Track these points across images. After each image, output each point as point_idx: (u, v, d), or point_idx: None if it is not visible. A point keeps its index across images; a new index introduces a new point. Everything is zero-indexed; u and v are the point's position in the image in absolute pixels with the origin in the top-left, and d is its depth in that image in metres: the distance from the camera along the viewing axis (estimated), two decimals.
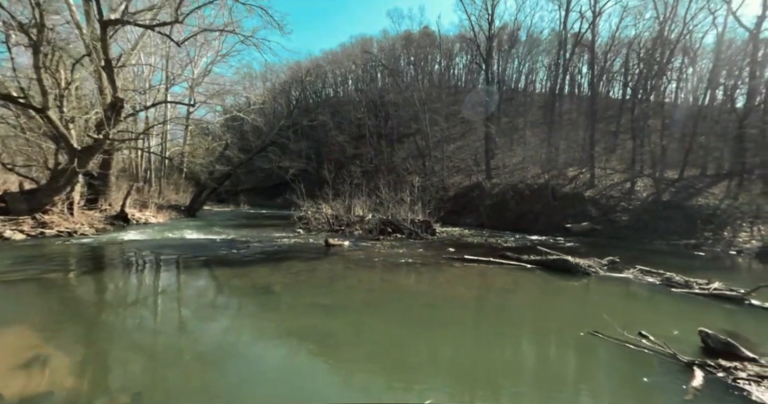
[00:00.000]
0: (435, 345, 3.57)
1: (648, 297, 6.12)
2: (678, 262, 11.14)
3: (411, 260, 8.05)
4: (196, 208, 18.33)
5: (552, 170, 23.40)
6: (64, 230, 8.75)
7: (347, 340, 3.61)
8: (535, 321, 4.46)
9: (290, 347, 3.44)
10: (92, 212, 11.83)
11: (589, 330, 3.95)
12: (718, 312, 5.29)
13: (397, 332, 3.83)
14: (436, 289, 5.72)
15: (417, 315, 4.49)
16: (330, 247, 9.39)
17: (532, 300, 5.49)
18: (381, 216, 14.77)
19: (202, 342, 3.55)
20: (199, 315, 4.36)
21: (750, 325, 4.81)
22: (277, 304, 4.89)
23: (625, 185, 19.99)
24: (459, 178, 30.14)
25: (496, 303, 5.08)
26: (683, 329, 4.32)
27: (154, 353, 3.31)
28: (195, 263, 7.18)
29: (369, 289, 5.70)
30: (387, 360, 3.18)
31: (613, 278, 7.34)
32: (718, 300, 5.79)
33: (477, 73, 45.39)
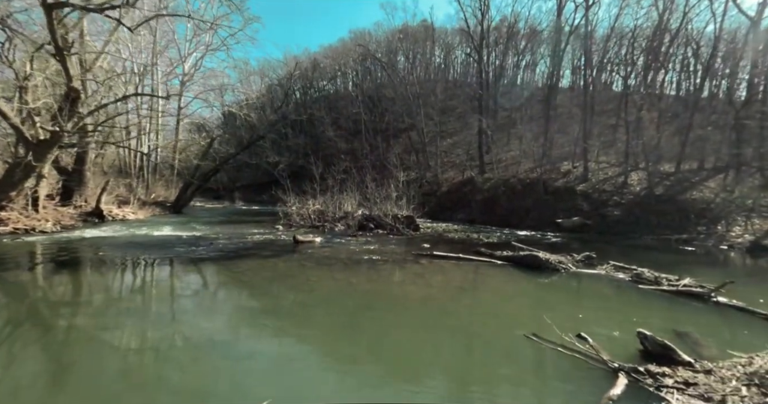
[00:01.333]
0: (350, 350, 3.32)
1: (611, 295, 5.83)
2: (662, 257, 10.83)
3: (377, 257, 7.79)
4: (182, 204, 18.18)
5: (546, 164, 22.98)
6: (21, 227, 8.57)
7: (243, 350, 3.34)
8: (475, 322, 4.18)
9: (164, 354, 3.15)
10: (66, 208, 11.70)
11: (526, 332, 3.68)
12: (681, 310, 4.99)
13: (313, 338, 3.56)
14: (387, 288, 5.46)
15: (348, 318, 4.24)
16: (299, 244, 9.14)
17: (484, 299, 5.22)
18: (363, 212, 14.52)
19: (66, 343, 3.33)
20: (86, 320, 4.08)
21: (708, 323, 4.52)
22: (193, 308, 4.57)
23: (619, 179, 19.56)
24: (453, 173, 29.79)
25: (442, 304, 4.81)
26: (633, 329, 4.03)
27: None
28: (135, 262, 6.86)
29: (310, 289, 5.45)
30: (281, 374, 2.92)
31: (584, 274, 7.04)
32: (684, 297, 5.49)
33: (475, 66, 44.64)
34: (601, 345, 3.55)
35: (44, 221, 9.41)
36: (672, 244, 13.85)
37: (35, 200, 9.83)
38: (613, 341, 3.64)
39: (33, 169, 8.83)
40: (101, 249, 7.80)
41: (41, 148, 8.79)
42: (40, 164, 8.87)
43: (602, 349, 3.28)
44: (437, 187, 28.38)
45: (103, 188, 12.37)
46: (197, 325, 3.92)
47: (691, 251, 12.22)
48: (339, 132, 46.42)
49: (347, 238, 11.11)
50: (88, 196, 12.40)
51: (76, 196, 12.42)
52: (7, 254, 7.03)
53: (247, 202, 35.15)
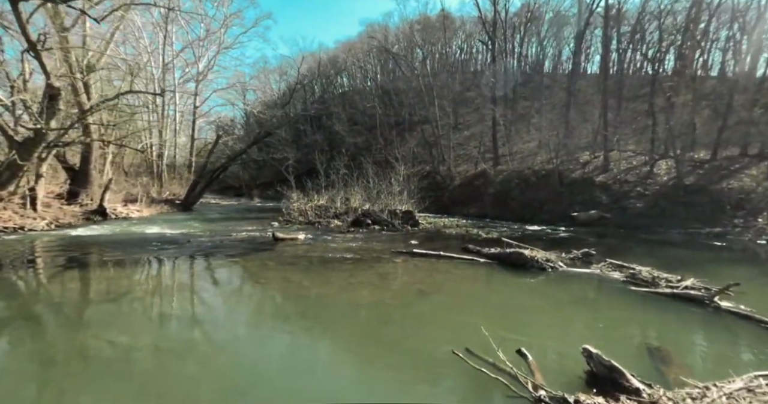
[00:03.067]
0: (256, 367, 2.96)
1: (593, 298, 5.13)
2: (686, 254, 9.74)
3: (352, 255, 7.39)
4: (191, 202, 18.62)
5: (564, 154, 21.60)
6: (11, 226, 8.92)
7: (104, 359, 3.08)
8: (414, 334, 3.65)
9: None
10: (72, 206, 12.19)
11: (463, 346, 3.17)
12: (670, 317, 4.25)
13: (212, 350, 3.20)
14: (336, 293, 5.02)
15: (266, 330, 3.85)
16: (278, 242, 8.89)
17: (440, 305, 4.66)
18: (360, 207, 14.16)
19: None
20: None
21: (699, 334, 3.79)
22: (95, 313, 4.35)
23: (644, 169, 17.99)
24: (467, 166, 28.80)
25: (388, 311, 4.31)
26: (601, 342, 3.42)
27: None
28: (86, 262, 6.79)
29: (249, 294, 5.13)
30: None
31: (573, 274, 6.32)
32: (682, 301, 4.71)
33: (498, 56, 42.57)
34: (546, 363, 2.99)
35: (39, 219, 9.80)
36: (702, 238, 12.51)
37: (33, 199, 10.28)
38: (565, 357, 3.06)
39: (20, 168, 9.18)
40: (68, 248, 7.86)
41: (26, 146, 9.09)
42: (26, 162, 9.18)
43: (538, 370, 2.72)
44: (450, 180, 27.52)
45: (106, 187, 12.80)
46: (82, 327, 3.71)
47: (722, 246, 10.95)
48: (355, 127, 46.20)
49: (337, 235, 10.79)
50: (94, 194, 12.87)
51: (82, 195, 12.93)
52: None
53: (264, 199, 35.75)
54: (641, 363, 3.05)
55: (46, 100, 9.11)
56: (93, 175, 13.54)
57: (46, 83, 9.21)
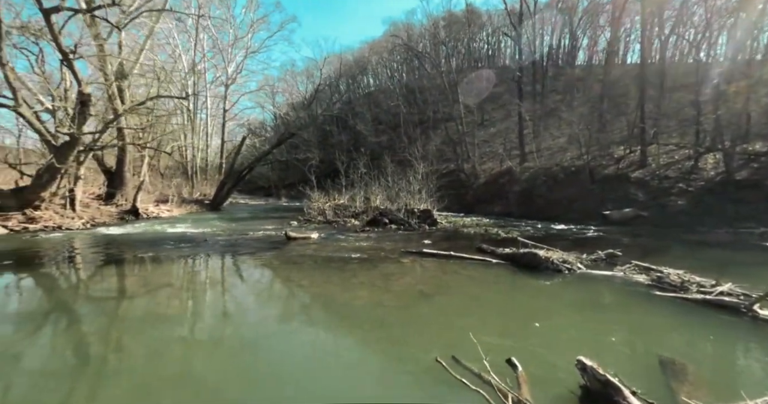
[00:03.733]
0: (225, 371, 2.92)
1: (609, 303, 4.68)
2: (728, 256, 8.83)
3: (361, 255, 7.28)
4: (219, 202, 19.42)
5: (596, 149, 20.38)
6: (50, 225, 9.67)
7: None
8: (404, 339, 3.41)
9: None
10: (108, 207, 13.09)
11: (452, 354, 2.97)
12: (696, 327, 3.78)
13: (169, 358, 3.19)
14: (334, 293, 4.82)
15: (252, 329, 3.78)
16: (290, 240, 8.99)
17: (439, 308, 4.39)
18: (379, 207, 14.08)
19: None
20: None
21: (727, 347, 3.33)
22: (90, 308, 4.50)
23: (687, 164, 16.54)
24: (492, 164, 27.96)
25: (383, 314, 4.05)
26: (602, 352, 3.10)
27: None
28: (104, 259, 7.09)
29: (246, 293, 5.09)
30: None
31: (592, 276, 5.85)
32: (712, 309, 4.20)
33: (527, 52, 40.77)
34: (540, 375, 2.73)
35: (77, 219, 10.59)
36: (753, 239, 11.28)
37: (72, 199, 11.12)
38: (563, 369, 2.79)
39: (58, 171, 9.95)
40: (95, 245, 8.38)
41: (62, 150, 9.82)
42: (62, 165, 9.93)
43: (527, 383, 2.48)
44: (474, 179, 26.82)
45: (138, 188, 13.63)
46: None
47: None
48: (380, 126, 46.23)
49: (351, 234, 10.75)
50: (129, 195, 13.75)
51: (117, 195, 13.87)
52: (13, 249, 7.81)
53: (291, 199, 36.62)
54: (652, 377, 2.72)
55: (78, 106, 9.79)
56: (127, 177, 14.47)
57: (78, 90, 9.90)
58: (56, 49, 9.03)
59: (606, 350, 3.32)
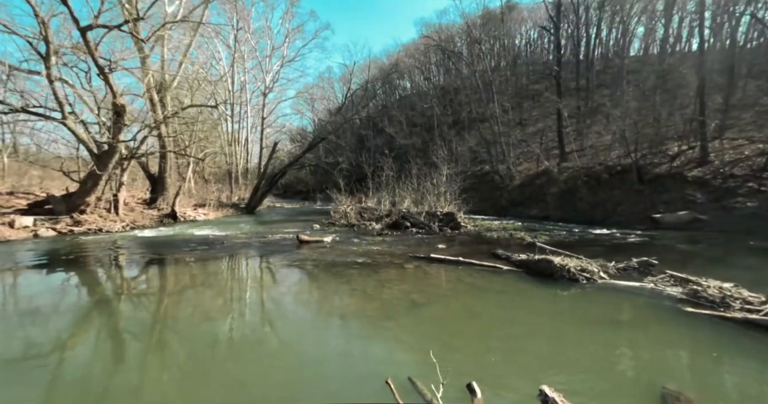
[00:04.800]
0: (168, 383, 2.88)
1: (624, 321, 4.02)
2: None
3: (367, 259, 7.08)
4: (253, 206, 20.35)
5: (647, 147, 18.49)
6: (93, 228, 10.62)
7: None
8: (365, 355, 3.14)
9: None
10: (151, 210, 14.22)
11: (407, 375, 2.70)
12: (722, 352, 3.11)
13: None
14: (322, 301, 4.67)
15: (213, 336, 3.67)
16: (302, 244, 9.03)
17: (422, 320, 3.97)
18: (401, 210, 13.83)
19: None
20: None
21: (749, 381, 2.69)
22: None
23: (758, 160, 14.38)
24: (529, 165, 26.55)
25: (359, 326, 3.77)
26: (600, 380, 2.65)
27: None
28: (119, 261, 7.42)
29: (223, 298, 4.97)
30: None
31: (615, 287, 5.15)
32: (755, 331, 3.46)
33: (571, 46, 37.99)
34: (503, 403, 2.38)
35: (118, 222, 11.60)
36: None
37: (116, 204, 12.22)
38: (528, 399, 2.41)
39: (99, 177, 10.98)
40: (122, 247, 8.93)
41: (103, 158, 10.82)
42: (103, 172, 10.95)
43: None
44: (510, 180, 25.61)
45: (177, 193, 14.67)
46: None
47: None
48: (414, 129, 46.00)
49: (367, 237, 10.59)
50: (170, 200, 14.86)
51: (159, 200, 15.05)
52: (53, 250, 8.51)
53: (325, 202, 37.51)
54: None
55: (113, 116, 10.78)
56: (168, 182, 15.67)
57: (112, 102, 10.90)
58: (93, 64, 10.00)
59: (601, 377, 2.84)
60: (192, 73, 17.26)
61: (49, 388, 2.71)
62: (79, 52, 9.87)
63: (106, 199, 12.40)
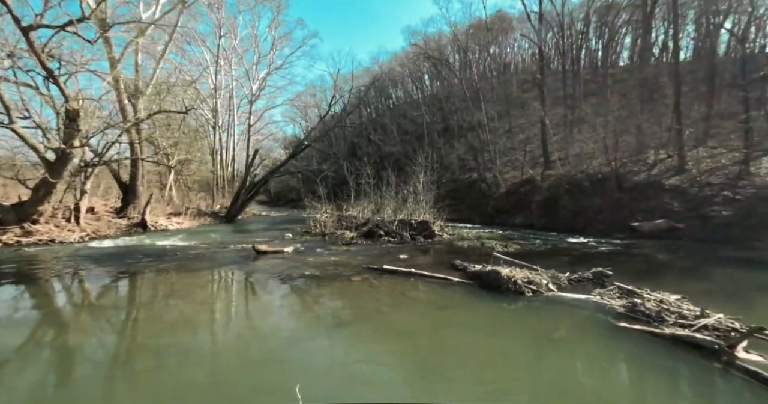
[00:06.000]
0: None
1: (557, 339, 3.78)
2: None
3: (317, 271, 6.75)
4: (233, 214, 20.01)
5: (627, 155, 18.50)
6: (45, 238, 10.15)
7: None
8: (238, 385, 2.94)
9: None
10: (120, 219, 13.87)
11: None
12: (646, 377, 2.87)
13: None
14: (231, 322, 4.44)
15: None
16: (259, 255, 8.69)
17: (333, 344, 3.65)
18: (374, 218, 13.60)
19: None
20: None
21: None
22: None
23: (734, 169, 14.35)
24: (516, 173, 26.51)
25: (256, 351, 3.40)
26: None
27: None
28: (42, 275, 6.93)
29: (118, 317, 4.66)
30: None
31: (560, 300, 4.93)
32: (682, 348, 3.24)
33: (560, 56, 38.29)
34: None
35: (77, 232, 11.20)
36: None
37: (77, 213, 11.84)
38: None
39: (53, 185, 10.59)
40: (60, 259, 8.35)
41: (56, 165, 10.46)
42: (56, 180, 10.56)
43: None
44: (496, 188, 25.52)
45: (147, 202, 14.31)
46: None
47: None
48: (405, 137, 46.11)
49: (333, 247, 10.29)
50: (142, 208, 14.50)
51: (130, 208, 14.69)
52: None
53: (315, 210, 37.11)
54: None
55: (66, 121, 10.39)
56: (140, 190, 15.31)
57: (64, 106, 10.50)
58: (39, 66, 9.54)
59: (521, 395, 2.59)
60: (167, 79, 17.14)
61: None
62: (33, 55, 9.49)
63: (66, 207, 12.04)
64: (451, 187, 31.49)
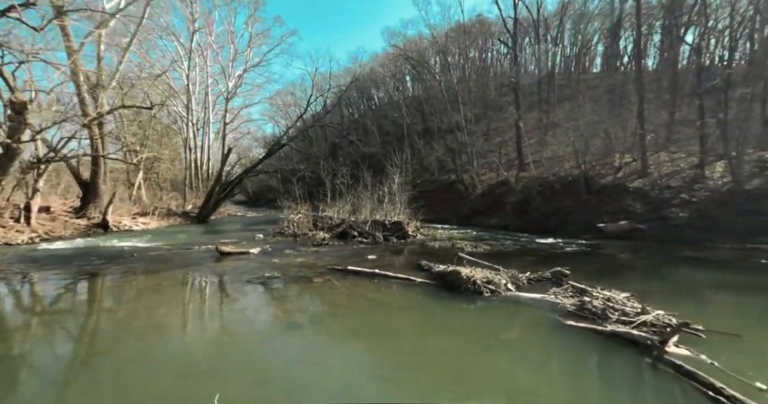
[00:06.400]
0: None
1: (507, 340, 3.84)
2: (717, 277, 7.64)
3: (281, 273, 6.60)
4: (205, 214, 19.40)
5: (597, 158, 19.17)
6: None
7: None
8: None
9: None
10: (79, 219, 13.14)
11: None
12: (582, 373, 2.94)
13: None
14: (181, 328, 4.24)
15: None
16: (223, 256, 8.41)
17: (284, 348, 3.57)
18: (349, 219, 13.51)
19: None
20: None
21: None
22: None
23: (691, 173, 15.11)
24: (492, 174, 27.01)
25: (189, 361, 3.33)
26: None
27: None
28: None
29: (56, 321, 4.46)
30: None
31: (517, 300, 5.01)
32: (620, 344, 3.34)
33: (533, 61, 39.52)
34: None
35: (27, 232, 10.53)
36: (762, 256, 9.91)
37: (27, 212, 11.12)
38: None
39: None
40: (17, 264, 7.70)
41: (1, 161, 9.76)
42: (2, 177, 9.88)
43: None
44: (473, 190, 25.91)
45: (110, 201, 13.62)
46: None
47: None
48: (386, 138, 46.19)
49: (303, 249, 10.08)
50: (104, 208, 13.77)
51: (90, 208, 13.94)
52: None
53: (290, 210, 36.51)
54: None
55: (11, 115, 9.66)
56: (102, 189, 14.54)
57: (9, 98, 9.76)
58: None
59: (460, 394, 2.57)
60: (137, 73, 16.45)
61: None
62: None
63: (15, 207, 11.28)
64: (431, 188, 31.76)
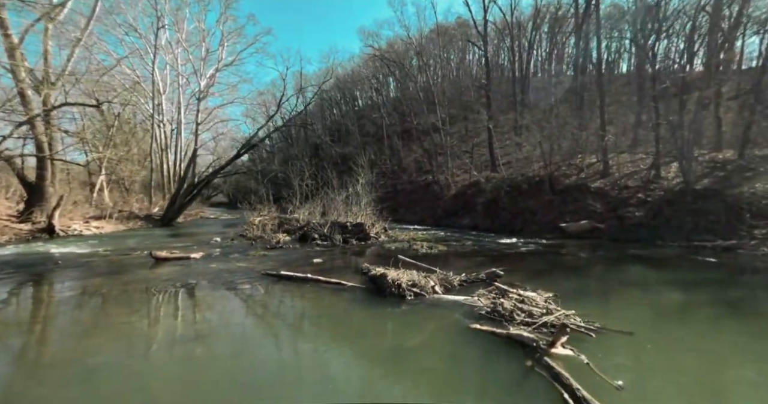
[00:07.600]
0: None
1: (412, 347, 3.72)
2: (651, 274, 7.81)
3: (209, 280, 6.31)
4: (170, 217, 18.75)
5: (562, 159, 19.54)
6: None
7: None
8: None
9: None
10: (22, 224, 12.43)
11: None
12: (467, 380, 2.85)
13: None
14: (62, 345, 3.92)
15: None
16: (159, 262, 8.02)
17: (158, 361, 3.46)
18: (310, 221, 13.28)
19: None
20: None
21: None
22: None
23: (647, 173, 15.56)
24: (466, 175, 27.22)
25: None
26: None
27: None
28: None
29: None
30: None
31: (438, 303, 4.94)
32: (515, 347, 3.28)
33: (508, 63, 40.09)
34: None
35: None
36: (705, 253, 10.25)
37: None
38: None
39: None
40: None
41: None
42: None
43: None
44: (447, 190, 26.05)
45: (57, 204, 12.91)
46: None
47: (716, 262, 8.77)
48: (365, 139, 46.05)
49: (251, 252, 9.76)
50: (50, 211, 13.05)
51: (36, 212, 13.19)
52: None
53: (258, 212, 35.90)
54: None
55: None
56: (50, 192, 13.79)
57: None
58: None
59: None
60: (97, 69, 15.77)
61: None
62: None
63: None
64: (408, 188, 31.83)
